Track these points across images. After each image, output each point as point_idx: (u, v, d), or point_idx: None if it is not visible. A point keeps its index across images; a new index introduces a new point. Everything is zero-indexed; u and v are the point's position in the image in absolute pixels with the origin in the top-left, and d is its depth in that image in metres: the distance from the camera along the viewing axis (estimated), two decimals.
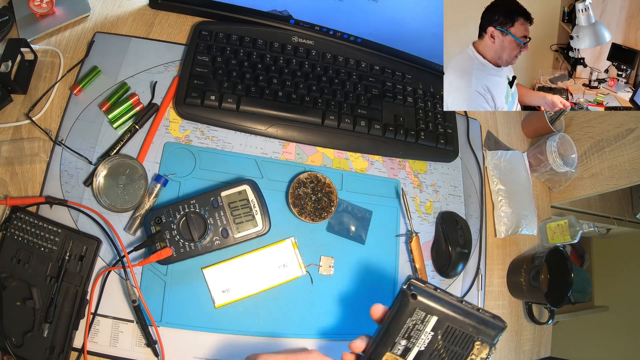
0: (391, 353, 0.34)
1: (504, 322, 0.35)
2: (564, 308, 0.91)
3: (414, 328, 0.34)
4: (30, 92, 0.63)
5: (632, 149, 0.77)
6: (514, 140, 0.88)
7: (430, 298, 0.34)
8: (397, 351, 0.34)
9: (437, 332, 0.34)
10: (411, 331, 0.34)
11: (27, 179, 0.59)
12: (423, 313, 0.34)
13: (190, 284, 0.59)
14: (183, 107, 0.63)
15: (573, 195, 0.87)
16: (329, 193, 0.66)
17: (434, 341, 0.34)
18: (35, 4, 0.65)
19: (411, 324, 0.34)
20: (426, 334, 0.34)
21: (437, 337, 0.34)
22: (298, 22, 0.73)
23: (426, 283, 0.35)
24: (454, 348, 0.34)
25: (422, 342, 0.34)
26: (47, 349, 0.51)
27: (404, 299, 0.34)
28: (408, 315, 0.34)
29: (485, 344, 0.34)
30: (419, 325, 0.34)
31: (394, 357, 0.34)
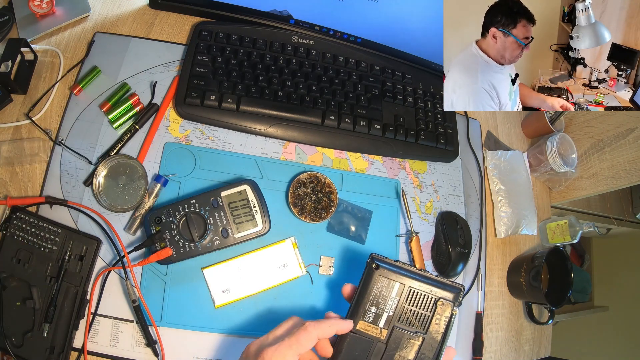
0: (363, 321, 0.38)
1: (461, 285, 0.39)
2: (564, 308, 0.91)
3: (380, 295, 0.39)
4: (30, 92, 0.63)
5: (632, 149, 0.77)
6: (514, 140, 0.88)
7: (390, 266, 0.39)
8: (368, 318, 0.38)
9: (401, 296, 0.39)
10: (378, 298, 0.39)
11: (27, 179, 0.59)
12: (386, 280, 0.39)
13: (190, 284, 0.59)
14: (183, 107, 0.64)
15: (573, 195, 0.87)
16: (329, 193, 0.66)
17: (400, 305, 0.39)
18: (35, 4, 0.65)
19: (377, 292, 0.39)
20: (392, 299, 0.39)
21: (402, 300, 0.39)
22: (298, 22, 0.73)
23: (386, 257, 0.40)
24: (419, 310, 0.39)
25: (389, 307, 0.38)
26: (47, 349, 0.52)
27: (369, 270, 0.39)
28: (374, 283, 0.39)
29: (446, 303, 0.39)
30: (385, 292, 0.39)
31: (367, 324, 0.38)
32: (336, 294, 0.64)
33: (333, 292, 0.64)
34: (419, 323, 0.39)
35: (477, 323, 0.71)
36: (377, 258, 0.40)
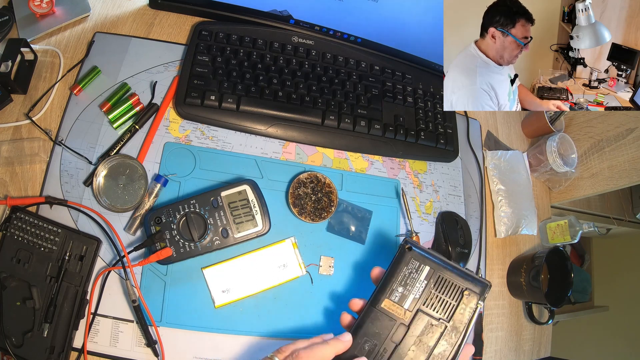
0: (389, 299, 0.38)
1: (489, 281, 0.39)
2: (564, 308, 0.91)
3: (410, 276, 0.39)
4: (30, 92, 0.63)
5: (632, 149, 0.77)
6: (514, 140, 0.88)
7: (423, 251, 0.40)
8: (395, 297, 0.38)
9: (429, 280, 0.39)
10: (407, 279, 0.38)
11: (27, 179, 0.59)
12: (417, 262, 0.39)
13: (190, 284, 0.59)
14: (183, 107, 0.64)
15: (573, 195, 0.87)
16: (329, 193, 0.66)
17: (427, 290, 0.38)
18: (35, 4, 0.65)
19: (407, 272, 0.39)
20: (420, 282, 0.39)
21: (430, 285, 0.39)
22: (298, 22, 0.73)
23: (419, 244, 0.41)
24: (445, 297, 0.39)
25: (417, 290, 0.38)
26: (47, 349, 0.51)
27: (401, 251, 0.40)
28: (405, 264, 0.39)
29: (472, 294, 0.39)
30: (414, 274, 0.39)
31: (392, 302, 0.38)
32: (336, 294, 0.64)
33: (333, 292, 0.64)
34: (443, 310, 0.38)
35: (477, 323, 0.71)
36: (411, 242, 0.41)
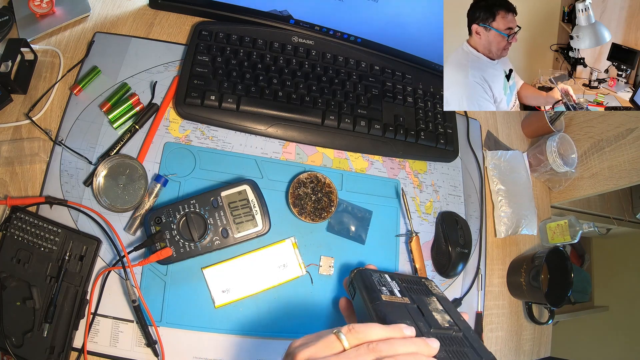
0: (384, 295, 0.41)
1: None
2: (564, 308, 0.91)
3: (380, 281, 0.42)
4: (30, 92, 0.63)
5: (632, 149, 0.77)
6: (514, 140, 0.88)
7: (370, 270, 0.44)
8: (386, 293, 0.41)
9: (395, 280, 0.43)
10: (381, 282, 0.42)
11: (27, 179, 0.59)
12: (376, 274, 0.43)
13: (190, 284, 0.59)
14: (183, 107, 0.63)
15: (573, 195, 0.87)
16: (329, 193, 0.66)
17: (401, 285, 0.43)
18: (35, 4, 0.65)
19: (376, 280, 0.42)
20: (391, 283, 0.42)
21: (399, 283, 0.43)
22: (298, 22, 0.73)
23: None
24: (415, 287, 0.43)
25: (394, 285, 0.42)
26: (47, 349, 0.51)
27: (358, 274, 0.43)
28: (368, 277, 0.42)
29: (427, 281, 0.46)
30: (382, 279, 0.42)
31: (388, 296, 0.41)
32: (336, 294, 0.64)
33: (333, 292, 0.64)
34: (424, 292, 0.43)
35: (477, 323, 0.71)
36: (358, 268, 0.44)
